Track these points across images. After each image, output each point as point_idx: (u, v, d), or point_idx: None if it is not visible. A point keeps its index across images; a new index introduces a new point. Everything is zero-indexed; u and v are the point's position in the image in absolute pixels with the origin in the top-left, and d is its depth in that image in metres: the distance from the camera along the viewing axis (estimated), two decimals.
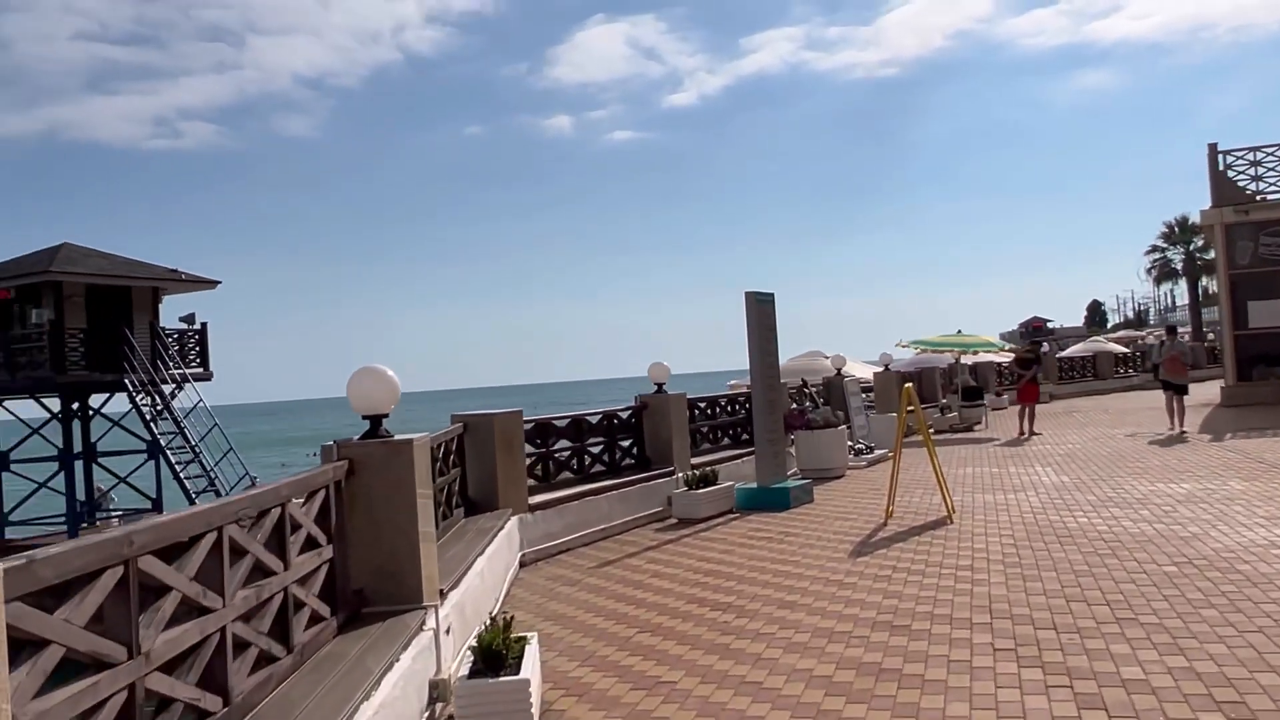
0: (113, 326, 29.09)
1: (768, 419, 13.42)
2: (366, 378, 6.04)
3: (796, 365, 30.37)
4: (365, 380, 6.04)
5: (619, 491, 12.17)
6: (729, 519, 12.56)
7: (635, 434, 13.47)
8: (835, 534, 10.92)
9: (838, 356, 21.80)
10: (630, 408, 13.60)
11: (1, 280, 28.82)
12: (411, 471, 5.88)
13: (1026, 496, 12.73)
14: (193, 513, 3.71)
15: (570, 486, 11.74)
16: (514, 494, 10.30)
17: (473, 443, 10.13)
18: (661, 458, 13.43)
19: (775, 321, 13.83)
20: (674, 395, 13.65)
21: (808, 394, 18.91)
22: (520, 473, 10.50)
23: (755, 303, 13.39)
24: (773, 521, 12.10)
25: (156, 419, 29.74)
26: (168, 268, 31.62)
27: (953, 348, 25.78)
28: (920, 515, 11.76)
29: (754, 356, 13.37)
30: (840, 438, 16.42)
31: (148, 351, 29.97)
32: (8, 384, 28.51)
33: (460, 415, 10.34)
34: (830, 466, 16.11)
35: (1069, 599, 7.38)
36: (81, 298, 29.21)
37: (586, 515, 11.47)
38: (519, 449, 10.50)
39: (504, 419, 10.25)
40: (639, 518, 12.42)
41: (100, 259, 30.46)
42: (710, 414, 15.87)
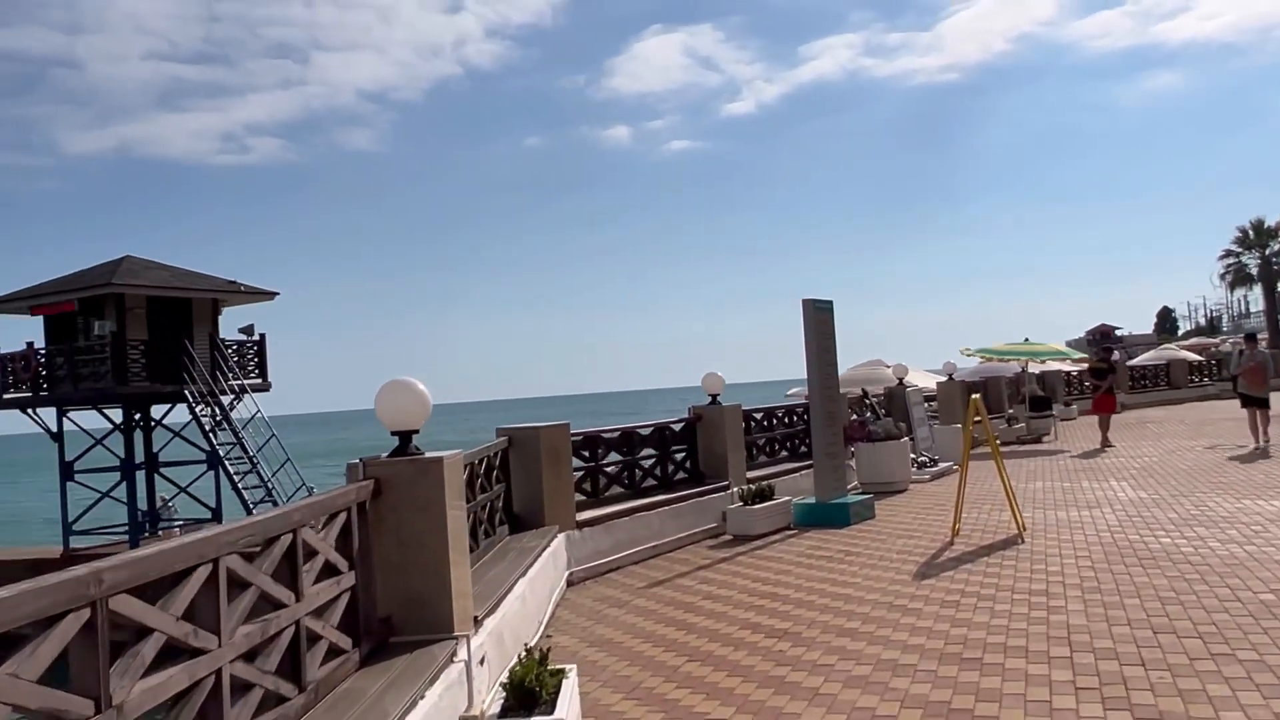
0: (173, 338, 29.35)
1: (826, 431, 12.89)
2: (397, 391, 5.69)
3: (857, 374, 29.70)
4: (395, 394, 5.68)
5: (671, 507, 11.73)
6: (786, 536, 12.05)
7: (689, 447, 13.02)
8: (898, 553, 10.37)
9: (899, 366, 21.14)
10: (683, 420, 13.15)
11: (66, 293, 29.23)
12: (442, 491, 5.50)
13: (1102, 514, 12.04)
14: (181, 544, 3.35)
15: (620, 502, 11.33)
16: (561, 510, 9.91)
17: (518, 457, 9.76)
18: (716, 471, 12.96)
19: (834, 330, 13.30)
20: (728, 407, 13.19)
21: (869, 404, 18.29)
22: (567, 488, 10.11)
23: (813, 310, 12.88)
24: (832, 539, 11.58)
25: (216, 429, 29.95)
26: (227, 279, 31.85)
27: (1019, 356, 24.94)
28: (989, 533, 11.16)
29: (812, 366, 12.85)
30: (903, 450, 15.82)
31: (207, 362, 30.20)
32: (70, 395, 28.87)
33: (505, 429, 9.98)
34: (892, 480, 15.51)
35: (1156, 630, 6.78)
36: (143, 309, 29.51)
37: (637, 532, 11.04)
38: (566, 464, 10.11)
39: (550, 432, 9.88)
40: (692, 534, 11.96)
41: (162, 271, 30.78)
42: (767, 425, 15.37)
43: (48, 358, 29.41)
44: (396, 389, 5.69)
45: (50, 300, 29.48)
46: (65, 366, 28.86)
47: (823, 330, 13.01)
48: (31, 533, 38.64)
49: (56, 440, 30.48)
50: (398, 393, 5.68)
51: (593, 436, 11.30)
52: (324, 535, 4.68)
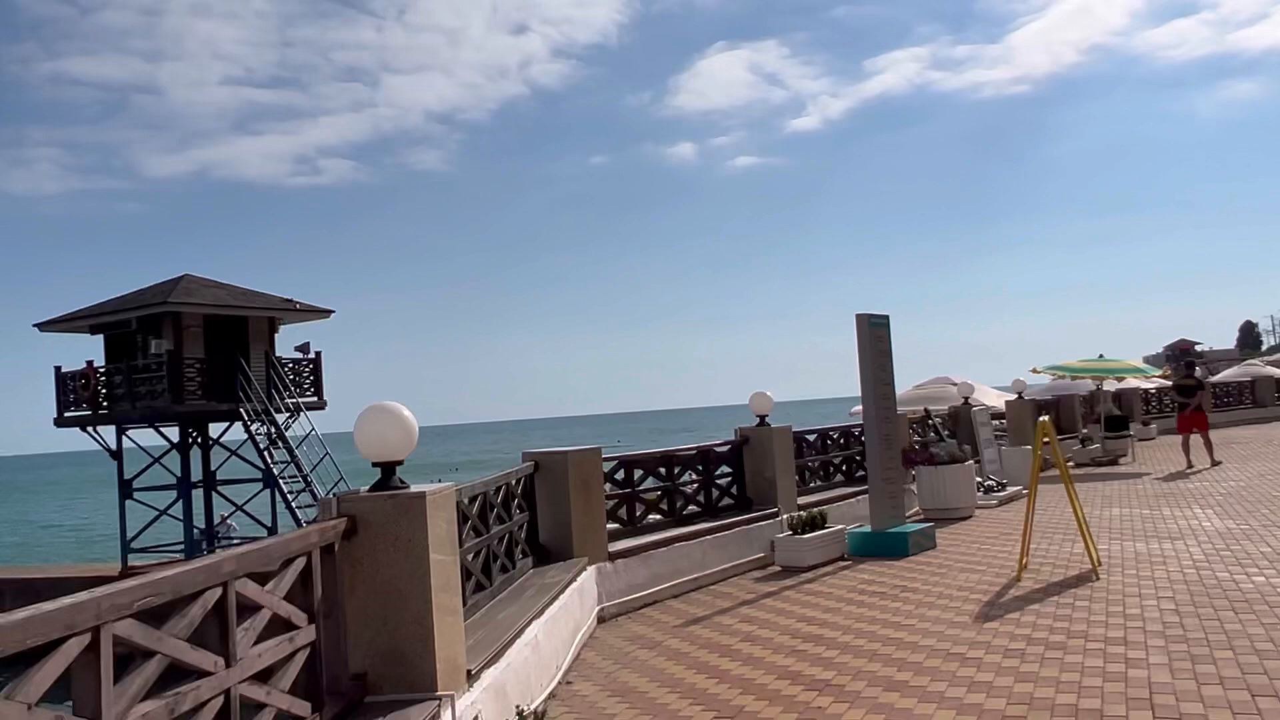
0: (229, 356, 29.35)
1: (883, 455, 12.05)
2: (377, 418, 5.07)
3: (922, 393, 28.65)
4: (376, 421, 5.07)
5: (715, 536, 10.99)
6: (839, 568, 11.23)
7: (735, 471, 12.28)
8: (959, 590, 9.51)
9: (965, 384, 20.15)
10: (729, 442, 12.41)
11: (124, 311, 29.41)
12: (424, 531, 4.86)
13: (1186, 546, 11.03)
14: (46, 613, 2.74)
15: (659, 531, 10.62)
16: (591, 541, 9.24)
17: (544, 484, 9.12)
18: (764, 498, 12.20)
19: (890, 347, 12.47)
20: (778, 428, 12.42)
21: (931, 425, 17.37)
22: (598, 517, 9.44)
23: (868, 326, 12.07)
24: (888, 572, 10.74)
25: (271, 448, 29.88)
26: (283, 298, 31.84)
27: (1094, 373, 23.73)
28: (1059, 568, 10.24)
29: (867, 385, 12.04)
30: (967, 474, 14.88)
31: (263, 381, 30.17)
32: (128, 414, 28.98)
33: (531, 453, 9.35)
34: (956, 506, 14.58)
35: (1255, 692, 5.88)
36: (200, 328, 29.56)
37: (676, 563, 10.32)
38: (597, 491, 9.44)
39: (579, 457, 9.22)
40: (738, 565, 11.21)
41: (218, 290, 30.84)
42: (820, 447, 14.55)
43: (107, 376, 29.60)
44: (377, 415, 5.07)
45: (110, 319, 29.69)
46: (123, 385, 29.00)
47: (878, 347, 12.20)
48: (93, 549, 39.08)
49: (116, 458, 30.68)
50: (378, 419, 5.07)
51: (629, 461, 10.62)
52: (273, 586, 4.06)
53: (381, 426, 5.05)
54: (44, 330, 31.09)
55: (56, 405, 30.53)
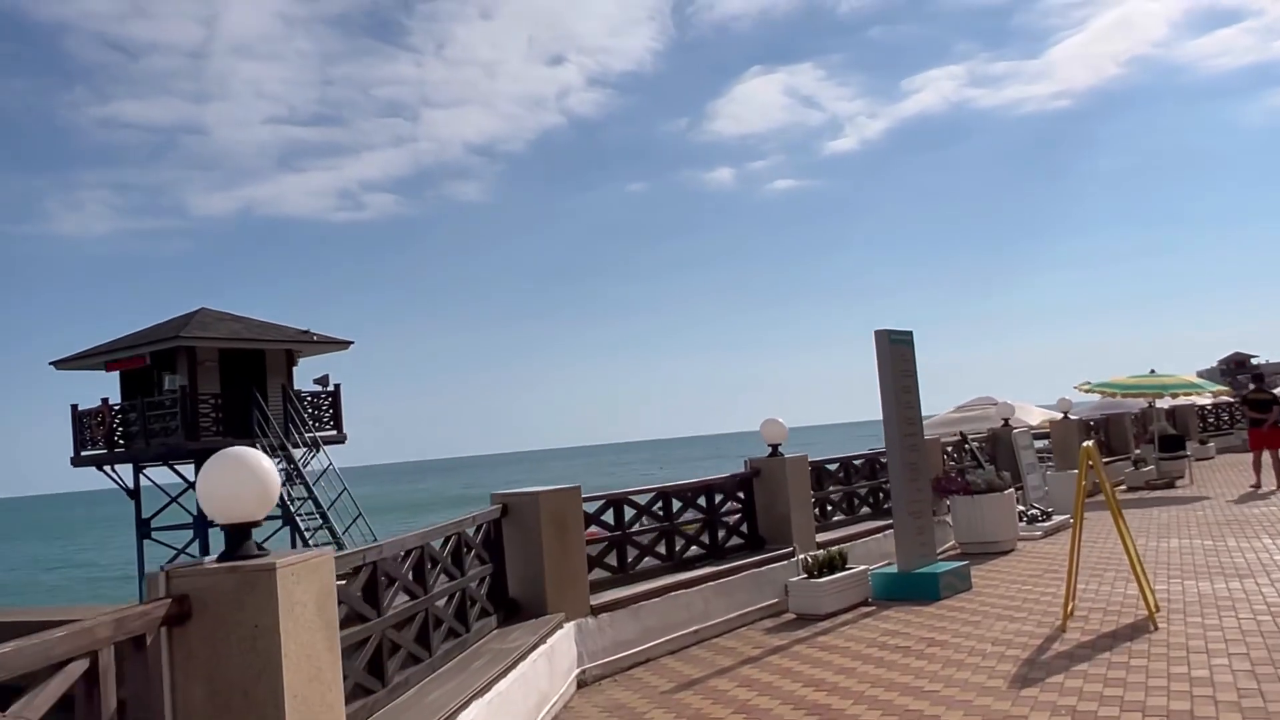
0: (246, 390, 28.64)
1: (908, 486, 10.83)
2: (226, 470, 4.02)
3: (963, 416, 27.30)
4: (224, 473, 4.02)
5: (720, 582, 9.81)
6: (861, 614, 10.01)
7: (744, 507, 11.11)
8: (995, 643, 8.26)
9: (1004, 405, 18.80)
10: (738, 476, 11.24)
11: (139, 347, 28.83)
12: (276, 615, 3.79)
13: (1258, 585, 9.69)
14: None
15: (656, 577, 9.46)
16: (569, 593, 8.12)
17: (514, 529, 8.02)
18: (777, 536, 11.01)
19: (915, 365, 11.27)
20: (792, 458, 11.23)
21: (968, 450, 16.07)
22: (577, 566, 8.31)
23: (888, 343, 10.89)
24: (915, 620, 9.50)
25: (288, 484, 29.08)
26: (299, 329, 31.13)
27: (1145, 390, 22.23)
28: (1110, 614, 8.95)
29: (889, 409, 10.84)
30: (1007, 504, 13.56)
31: (280, 415, 29.43)
32: (143, 452, 28.33)
33: (501, 494, 8.27)
34: (995, 540, 13.27)
35: None
36: (215, 362, 28.90)
37: (673, 615, 9.16)
38: (576, 535, 8.32)
39: (553, 498, 8.11)
40: (747, 613, 10.02)
41: (234, 323, 30.20)
42: (843, 478, 13.30)
43: (122, 414, 29.01)
44: (224, 467, 4.02)
45: (123, 355, 29.12)
46: (138, 423, 28.37)
47: (900, 366, 11.00)
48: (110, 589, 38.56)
49: (133, 497, 30.05)
50: (226, 472, 4.01)
51: (617, 499, 9.48)
52: (24, 706, 2.99)
53: (230, 480, 4.00)
54: (60, 368, 30.61)
55: (74, 444, 30.00)
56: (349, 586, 5.22)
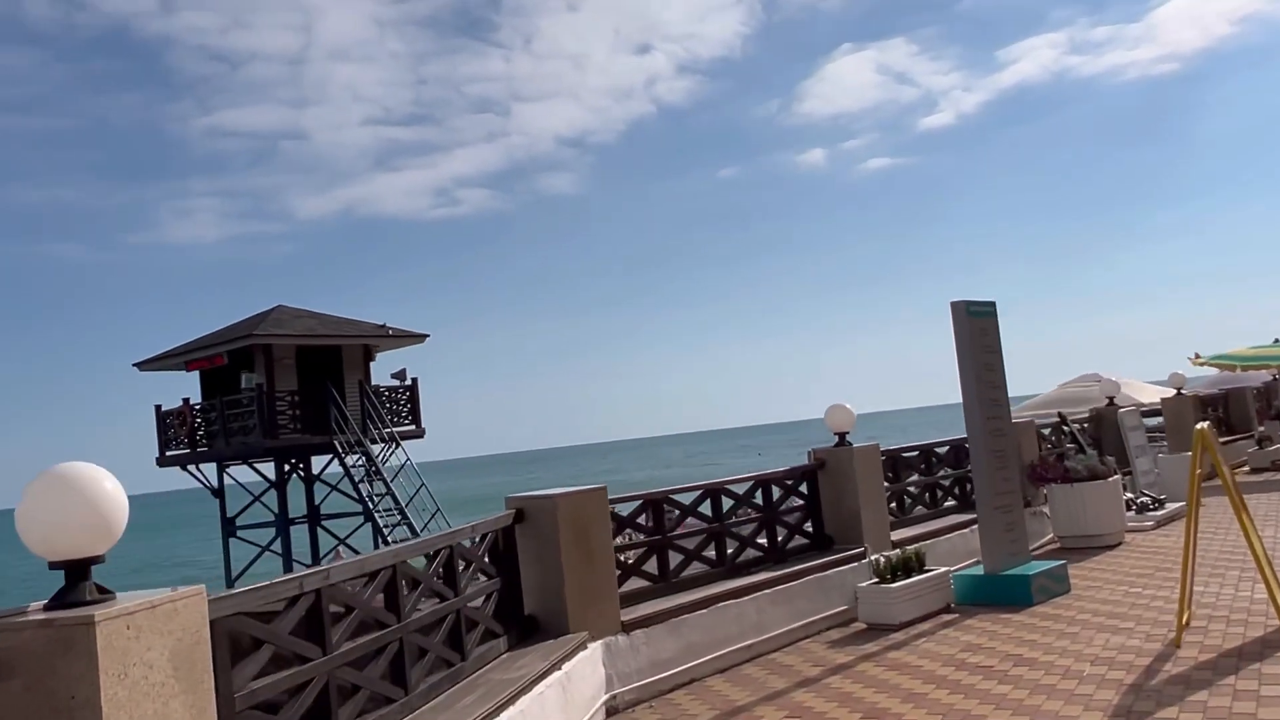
0: (322, 387, 28.39)
1: (994, 477, 9.58)
2: (48, 494, 3.13)
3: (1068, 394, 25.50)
4: (45, 498, 3.13)
5: (778, 589, 8.74)
6: (940, 623, 8.83)
7: (808, 503, 9.99)
8: (1095, 661, 7.04)
9: (1109, 382, 17.21)
10: (800, 469, 10.13)
11: (216, 346, 28.82)
12: (96, 683, 2.89)
13: None
14: None
15: (702, 586, 8.43)
16: (595, 609, 7.15)
17: (530, 537, 7.09)
18: (846, 534, 9.87)
19: (998, 341, 10.00)
20: (862, 448, 10.06)
21: (1067, 432, 14.63)
22: (604, 578, 7.33)
23: (966, 316, 9.65)
24: (1002, 630, 8.30)
25: (370, 479, 28.79)
26: (376, 324, 30.82)
27: (1270, 362, 20.29)
28: (1235, 624, 7.63)
29: (969, 390, 9.61)
30: (1112, 492, 12.15)
31: (358, 411, 29.14)
32: (223, 451, 28.32)
33: (515, 498, 7.34)
34: (1099, 533, 11.90)
35: None
36: (291, 360, 28.73)
37: (723, 628, 8.12)
38: (601, 542, 7.34)
39: (573, 502, 7.15)
40: (811, 623, 8.93)
41: (310, 319, 30.01)
42: (925, 467, 12.04)
43: (203, 413, 29.06)
44: (48, 489, 3.13)
45: (202, 355, 29.16)
46: (218, 422, 28.37)
47: (981, 341, 9.74)
48: None
49: (217, 496, 30.14)
50: (50, 496, 3.12)
51: (656, 500, 8.46)
52: None
53: (54, 507, 3.11)
54: (143, 369, 30.85)
55: (158, 444, 30.21)
56: (277, 625, 4.33)
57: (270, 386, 27.83)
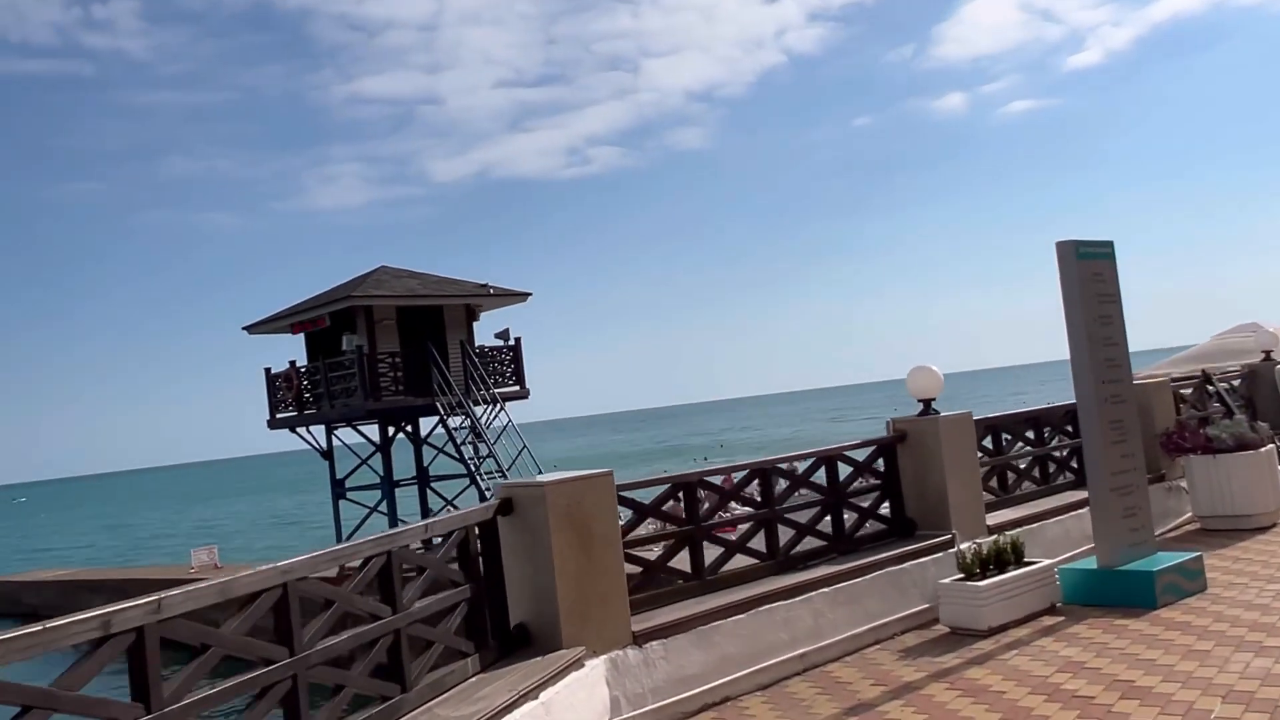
0: (423, 348, 27.93)
1: (1108, 451, 7.95)
2: None
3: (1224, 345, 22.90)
4: None
5: (841, 586, 7.39)
6: (1041, 628, 7.34)
7: (885, 482, 8.55)
8: (1229, 695, 5.50)
9: (1266, 333, 15.00)
10: (876, 442, 8.69)
11: (320, 308, 28.64)
12: None
13: None
14: None
15: (744, 585, 7.14)
16: (596, 617, 5.96)
17: (518, 531, 5.94)
18: (932, 518, 8.40)
19: (1117, 288, 8.29)
20: (950, 418, 8.52)
21: (1213, 392, 12.64)
22: (610, 579, 6.12)
23: (1074, 258, 7.99)
24: (1115, 642, 6.77)
25: (474, 441, 28.29)
26: (477, 283, 30.19)
27: None
28: None
29: (1078, 347, 7.98)
30: (1265, 464, 10.26)
31: (460, 372, 28.61)
32: (327, 413, 28.20)
33: (507, 485, 6.19)
34: (1247, 512, 10.07)
35: None
36: (393, 320, 28.35)
37: (767, 636, 6.83)
38: (607, 538, 6.12)
39: (567, 490, 5.95)
40: (885, 624, 7.56)
41: (410, 280, 29.56)
42: (1036, 436, 10.36)
43: (308, 376, 28.99)
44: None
45: (305, 317, 29.05)
46: (321, 384, 28.23)
47: (1095, 289, 8.07)
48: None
49: (326, 458, 30.16)
50: None
51: (689, 483, 7.15)
52: None
53: None
54: (251, 332, 30.99)
55: (269, 407, 30.35)
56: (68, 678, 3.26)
57: (372, 348, 27.51)
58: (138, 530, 77.75)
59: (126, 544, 65.77)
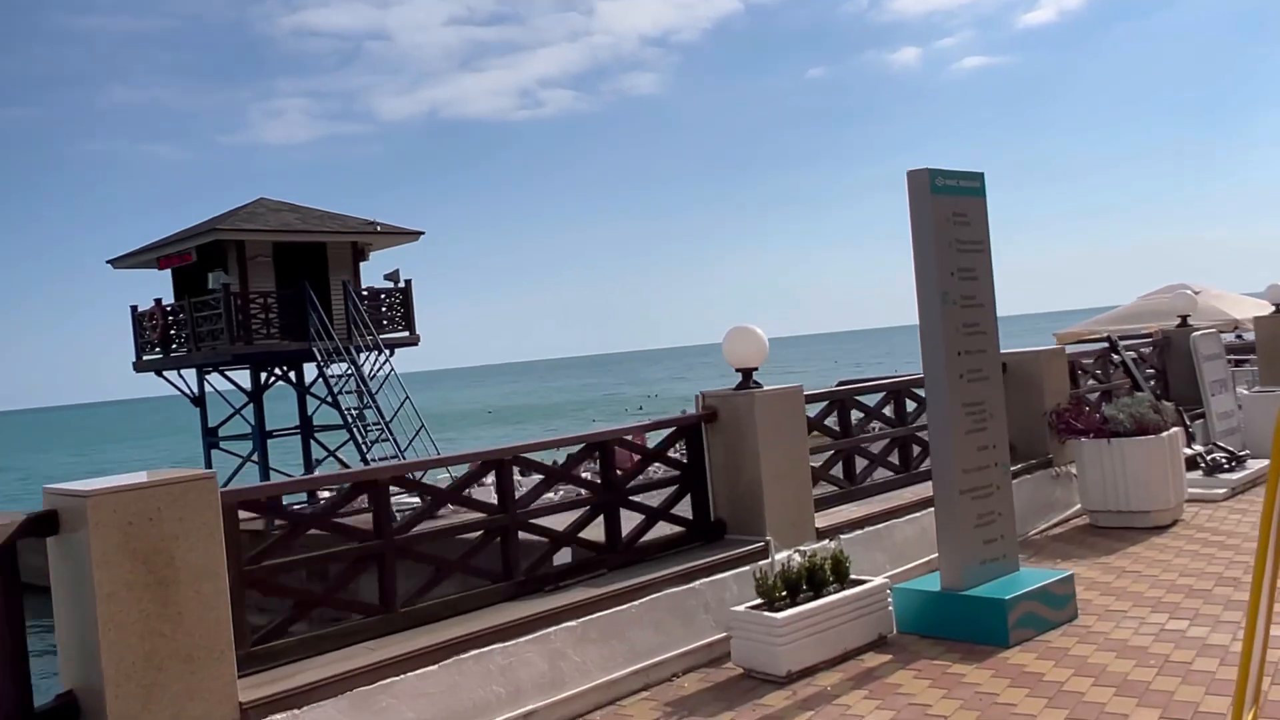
0: (300, 288, 25.65)
1: (960, 443, 6.21)
2: None
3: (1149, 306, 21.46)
4: None
5: (603, 614, 5.59)
6: (858, 673, 5.62)
7: (685, 473, 6.74)
8: None
9: (1182, 294, 13.40)
10: (675, 422, 6.88)
11: (184, 241, 26.20)
12: None
13: None
14: None
15: (460, 618, 5.30)
16: (176, 688, 4.08)
17: (61, 559, 4.03)
18: (747, 519, 6.62)
19: (984, 230, 6.49)
20: (770, 393, 6.68)
21: (1118, 362, 11.00)
22: (209, 630, 4.20)
23: (930, 193, 6.16)
24: (948, 699, 5.07)
25: (360, 391, 26.20)
26: (364, 219, 27.90)
27: None
28: None
29: (928, 303, 6.19)
30: (1165, 451, 8.61)
31: (343, 315, 26.42)
32: (192, 357, 25.91)
33: (56, 491, 4.25)
34: (1142, 508, 8.46)
35: None
36: (268, 257, 26.00)
37: (469, 695, 5.00)
38: (201, 570, 4.21)
39: (123, 504, 4.03)
40: (659, 663, 5.79)
41: (289, 214, 27.18)
42: (898, 413, 8.57)
43: (173, 315, 26.60)
44: None
45: (172, 251, 26.58)
46: (187, 325, 25.89)
47: (953, 232, 6.26)
48: None
49: (197, 405, 27.87)
50: None
51: (366, 480, 5.23)
52: None
53: None
54: (116, 267, 28.44)
55: (135, 348, 27.93)
56: None
57: (243, 286, 25.22)
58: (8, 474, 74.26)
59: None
